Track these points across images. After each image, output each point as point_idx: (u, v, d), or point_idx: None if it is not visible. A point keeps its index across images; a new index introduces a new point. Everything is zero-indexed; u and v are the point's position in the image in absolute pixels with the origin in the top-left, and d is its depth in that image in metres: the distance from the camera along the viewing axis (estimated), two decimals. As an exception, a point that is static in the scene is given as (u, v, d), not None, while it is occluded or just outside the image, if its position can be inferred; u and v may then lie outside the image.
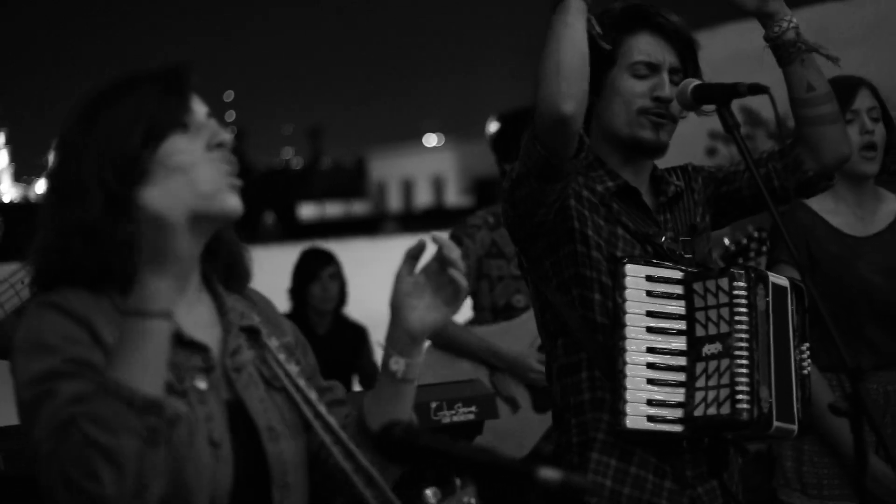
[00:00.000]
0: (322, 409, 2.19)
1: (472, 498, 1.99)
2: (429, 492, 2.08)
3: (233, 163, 2.09)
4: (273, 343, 2.21)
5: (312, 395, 2.20)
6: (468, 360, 5.06)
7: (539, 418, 4.95)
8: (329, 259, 6.82)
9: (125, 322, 1.88)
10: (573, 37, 2.89)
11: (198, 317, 2.13)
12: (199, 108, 2.12)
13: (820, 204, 4.07)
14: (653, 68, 3.15)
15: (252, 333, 2.21)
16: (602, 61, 3.09)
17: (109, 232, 1.99)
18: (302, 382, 2.20)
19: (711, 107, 3.04)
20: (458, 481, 1.97)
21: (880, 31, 5.82)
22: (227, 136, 2.10)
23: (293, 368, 2.21)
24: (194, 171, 2.02)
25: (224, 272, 2.22)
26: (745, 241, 4.64)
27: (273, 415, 2.16)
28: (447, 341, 5.09)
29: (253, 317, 2.23)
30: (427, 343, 5.13)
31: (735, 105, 3.04)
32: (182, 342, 2.04)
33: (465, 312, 5.35)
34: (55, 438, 1.84)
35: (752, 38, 3.22)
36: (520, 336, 5.01)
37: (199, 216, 2.00)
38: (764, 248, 4.58)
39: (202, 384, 2.05)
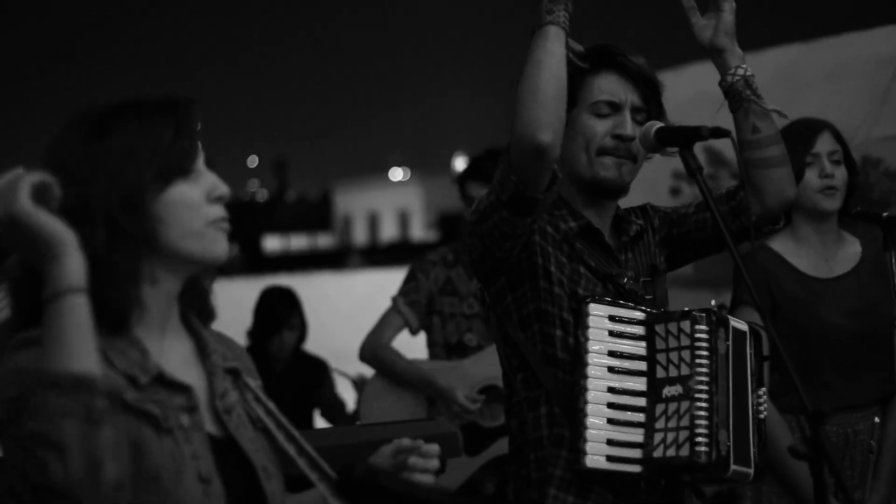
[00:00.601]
0: (307, 445, 2.19)
1: None
2: None
3: (227, 216, 2.11)
4: (252, 383, 2.22)
5: (296, 432, 2.20)
6: (406, 388, 5.10)
7: (468, 460, 4.98)
8: (292, 307, 6.73)
9: (45, 310, 1.85)
10: (551, 63, 2.88)
11: (178, 356, 2.12)
12: (201, 155, 2.13)
13: (783, 245, 4.09)
14: (615, 107, 3.16)
15: (233, 375, 2.21)
16: (572, 102, 3.12)
17: (111, 265, 1.97)
18: (285, 420, 2.20)
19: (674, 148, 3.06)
20: None
21: (842, 74, 5.87)
22: (226, 189, 2.11)
23: (272, 405, 2.22)
24: (190, 216, 2.04)
25: (193, 311, 2.22)
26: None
27: (263, 455, 2.17)
28: (387, 368, 5.14)
29: (232, 358, 2.24)
30: (372, 371, 5.20)
31: (699, 145, 3.06)
32: (163, 382, 2.02)
33: (420, 347, 5.39)
34: (5, 441, 1.82)
35: (716, 79, 3.25)
36: (463, 377, 5.04)
37: (185, 258, 2.04)
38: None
39: (185, 421, 2.03)
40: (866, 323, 4.05)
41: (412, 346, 5.48)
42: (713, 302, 4.61)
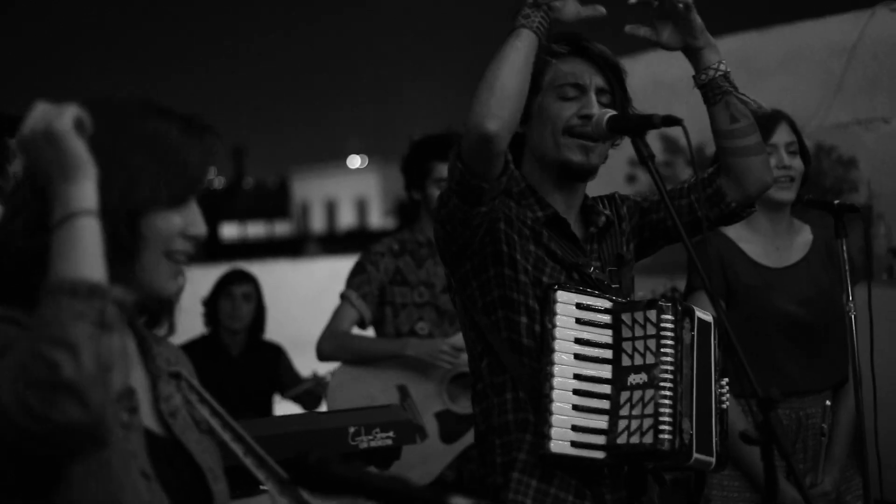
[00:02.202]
0: (255, 444, 2.19)
1: None
2: None
3: (192, 254, 2.12)
4: (196, 383, 2.22)
5: (243, 432, 2.19)
6: (376, 373, 5.06)
7: (445, 448, 4.97)
8: (244, 278, 6.77)
9: (56, 233, 1.87)
10: (517, 61, 2.92)
11: (122, 360, 2.07)
12: None
13: (737, 233, 4.12)
14: (580, 89, 3.18)
15: (176, 378, 2.21)
16: (529, 89, 3.13)
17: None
18: (230, 418, 2.20)
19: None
20: None
21: (798, 61, 5.88)
22: (204, 230, 2.12)
23: (216, 405, 2.21)
24: (160, 245, 2.06)
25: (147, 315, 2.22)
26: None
27: (210, 456, 2.16)
28: (355, 352, 5.11)
29: (175, 362, 2.24)
30: (336, 364, 5.16)
31: (655, 133, 3.08)
32: None
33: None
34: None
35: (671, 66, 3.26)
36: (433, 367, 5.03)
37: (136, 284, 2.05)
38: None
39: (125, 419, 2.02)
40: (818, 311, 4.08)
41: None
42: (662, 289, 4.63)
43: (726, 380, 3.17)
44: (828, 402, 4.07)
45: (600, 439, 2.99)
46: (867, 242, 4.19)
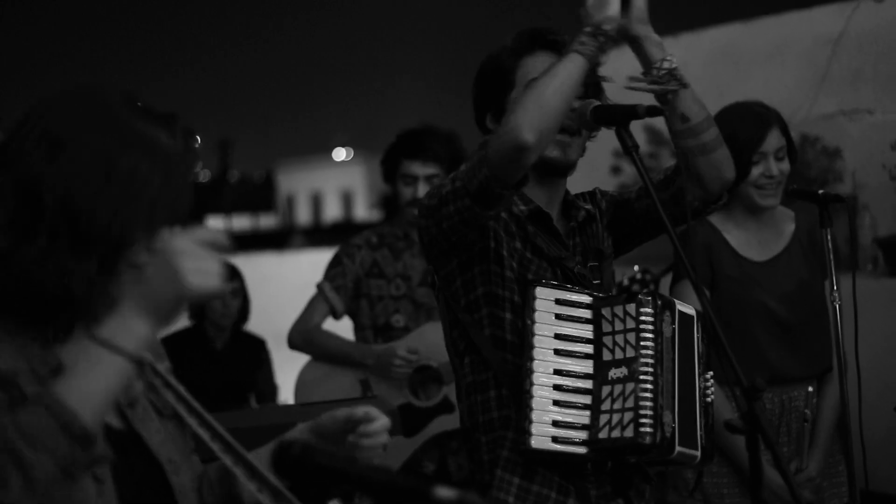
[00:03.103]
0: (221, 429, 2.14)
1: None
2: None
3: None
4: (161, 367, 2.11)
5: (209, 416, 2.13)
6: (342, 369, 5.08)
7: (406, 441, 4.97)
8: (233, 274, 6.76)
9: (92, 347, 1.77)
10: (566, 82, 2.93)
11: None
12: None
13: (722, 223, 4.12)
14: None
15: (138, 364, 2.14)
16: (502, 84, 3.13)
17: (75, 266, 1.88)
18: (197, 404, 2.12)
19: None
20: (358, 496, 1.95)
21: (784, 52, 5.89)
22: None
23: (182, 390, 2.12)
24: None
25: None
26: (626, 282, 4.71)
27: (170, 446, 2.11)
28: (321, 350, 5.12)
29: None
30: (307, 359, 5.17)
31: (639, 123, 3.07)
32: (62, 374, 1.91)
33: (344, 331, 5.37)
34: None
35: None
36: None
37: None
38: (651, 288, 4.64)
39: None
40: (800, 303, 4.09)
41: (337, 329, 5.45)
42: (636, 267, 4.62)
43: (711, 373, 3.16)
44: (811, 389, 4.07)
45: (582, 434, 2.98)
46: (852, 232, 4.19)
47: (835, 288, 3.88)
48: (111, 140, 1.91)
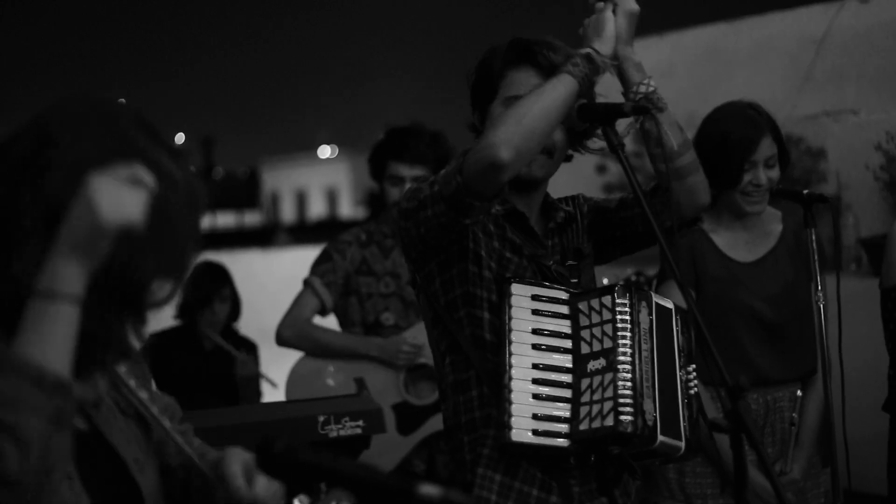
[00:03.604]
0: (174, 433, 2.12)
1: (344, 501, 1.96)
2: (296, 501, 2.06)
3: None
4: (122, 369, 2.12)
5: (167, 423, 2.13)
6: (336, 365, 5.06)
7: (402, 440, 4.97)
8: (223, 280, 6.70)
9: (35, 301, 1.77)
10: (553, 104, 2.92)
11: None
12: None
13: (708, 224, 4.12)
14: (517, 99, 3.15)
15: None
16: (487, 91, 3.13)
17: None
18: (155, 409, 2.13)
19: (599, 144, 3.07)
20: (322, 486, 1.95)
21: (768, 52, 5.90)
22: None
23: (144, 395, 2.13)
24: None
25: None
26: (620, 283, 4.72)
27: (134, 445, 2.10)
28: (315, 343, 5.09)
29: None
30: (301, 354, 5.14)
31: (625, 123, 3.07)
32: None
33: (332, 327, 5.35)
34: None
35: (653, 52, 3.25)
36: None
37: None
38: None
39: None
40: (786, 304, 4.09)
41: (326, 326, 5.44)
42: (629, 270, 4.64)
43: (693, 366, 3.16)
44: (798, 393, 4.08)
45: (563, 427, 2.98)
46: (836, 233, 4.20)
47: (819, 288, 3.88)
48: (113, 155, 1.89)
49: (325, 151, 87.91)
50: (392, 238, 5.16)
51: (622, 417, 2.90)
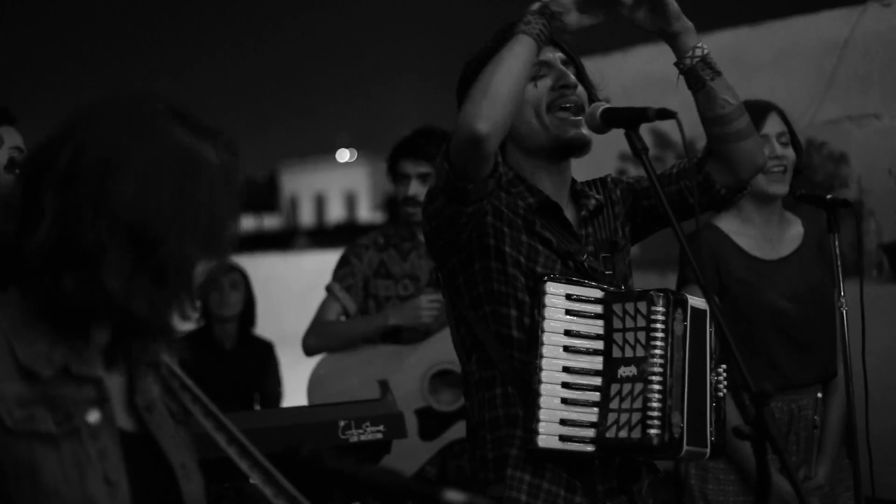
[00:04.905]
0: (238, 432, 2.09)
1: None
2: None
3: None
4: (179, 370, 2.11)
5: (226, 420, 2.10)
6: (359, 367, 5.04)
7: (424, 445, 4.95)
8: (231, 268, 6.75)
9: None
10: (515, 66, 2.90)
11: (90, 349, 1.97)
12: None
13: (729, 225, 4.12)
14: (546, 66, 3.17)
15: (155, 366, 2.09)
16: None
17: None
18: (214, 407, 2.10)
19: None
20: None
21: (791, 56, 5.88)
22: None
23: (201, 392, 2.12)
24: None
25: None
26: None
27: (183, 451, 2.07)
28: (342, 338, 5.09)
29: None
30: (321, 356, 5.13)
31: (645, 127, 3.06)
32: (70, 375, 1.89)
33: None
34: None
35: (663, 61, 3.24)
36: (418, 361, 5.01)
37: None
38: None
39: (94, 416, 1.90)
40: (809, 304, 4.08)
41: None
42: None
43: (724, 366, 3.15)
44: (819, 395, 4.07)
45: (590, 432, 2.98)
46: (858, 238, 4.19)
47: (842, 294, 3.87)
48: (168, 160, 1.91)
49: (343, 155, 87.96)
50: (411, 241, 5.17)
51: (650, 431, 2.90)
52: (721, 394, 3.13)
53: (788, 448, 4.04)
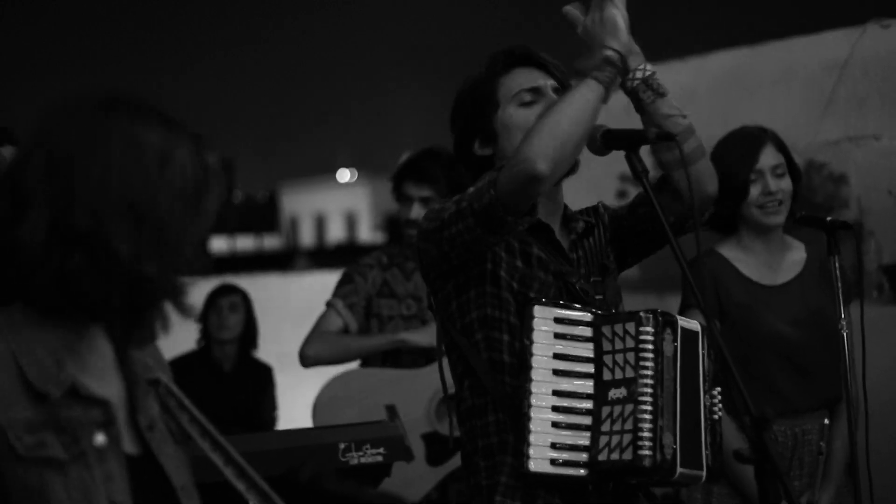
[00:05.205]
0: (235, 453, 2.08)
1: None
2: None
3: None
4: (176, 389, 2.10)
5: (223, 440, 2.09)
6: (367, 391, 5.02)
7: (431, 470, 4.92)
8: (231, 290, 6.77)
9: None
10: (584, 110, 2.91)
11: (97, 361, 1.99)
12: None
13: (731, 251, 4.12)
14: (537, 92, 3.18)
15: (155, 385, 2.09)
16: (485, 108, 3.11)
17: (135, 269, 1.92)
18: (211, 427, 2.09)
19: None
20: None
21: (790, 77, 5.89)
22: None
23: (199, 413, 2.11)
24: None
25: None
26: None
27: (184, 472, 2.07)
28: (348, 351, 5.08)
29: (154, 367, 2.13)
30: (327, 380, 5.10)
31: (646, 148, 3.06)
32: (79, 396, 1.89)
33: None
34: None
35: (665, 79, 3.23)
36: (427, 386, 4.98)
37: None
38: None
39: (100, 439, 1.90)
40: (812, 329, 4.07)
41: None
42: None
43: (718, 389, 3.13)
44: (826, 421, 4.06)
45: (582, 456, 2.96)
46: (859, 259, 4.19)
47: (843, 316, 3.87)
48: (143, 134, 1.96)
49: (344, 175, 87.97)
50: (413, 261, 5.16)
51: (640, 452, 2.88)
52: (717, 416, 3.11)
53: (792, 473, 4.02)
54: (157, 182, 1.93)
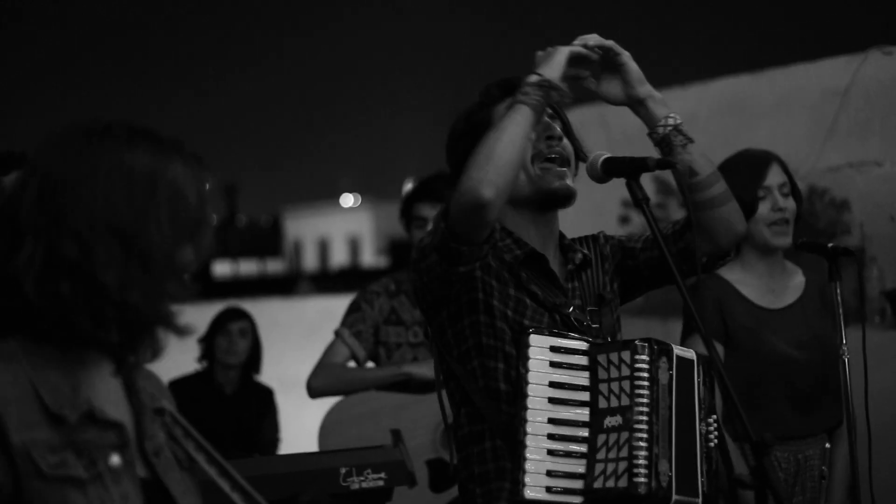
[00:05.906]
0: (241, 479, 2.10)
1: None
2: None
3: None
4: (181, 417, 2.14)
5: (229, 467, 2.11)
6: (371, 416, 5.01)
7: (434, 497, 4.92)
8: (241, 315, 6.78)
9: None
10: (515, 133, 2.94)
11: (108, 391, 2.02)
12: None
13: (733, 274, 4.12)
14: None
15: (160, 413, 2.12)
16: (481, 136, 3.12)
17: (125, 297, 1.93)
18: (216, 453, 2.12)
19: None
20: None
21: (792, 104, 5.90)
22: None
23: (204, 440, 2.13)
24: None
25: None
26: None
27: (191, 496, 2.09)
28: (353, 384, 5.06)
29: (159, 397, 2.16)
30: (332, 404, 5.10)
31: (649, 174, 3.07)
32: (93, 419, 1.93)
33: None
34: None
35: (673, 106, 3.25)
36: (426, 415, 4.97)
37: None
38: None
39: (116, 460, 1.93)
40: (813, 353, 4.07)
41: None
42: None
43: (715, 416, 3.14)
44: (827, 445, 4.06)
45: (577, 484, 2.96)
46: (861, 285, 4.19)
47: (844, 342, 3.87)
48: (130, 161, 1.96)
49: (347, 200, 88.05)
50: None
51: (636, 479, 2.88)
52: (712, 443, 3.12)
53: (795, 500, 4.02)
54: (146, 208, 1.94)
